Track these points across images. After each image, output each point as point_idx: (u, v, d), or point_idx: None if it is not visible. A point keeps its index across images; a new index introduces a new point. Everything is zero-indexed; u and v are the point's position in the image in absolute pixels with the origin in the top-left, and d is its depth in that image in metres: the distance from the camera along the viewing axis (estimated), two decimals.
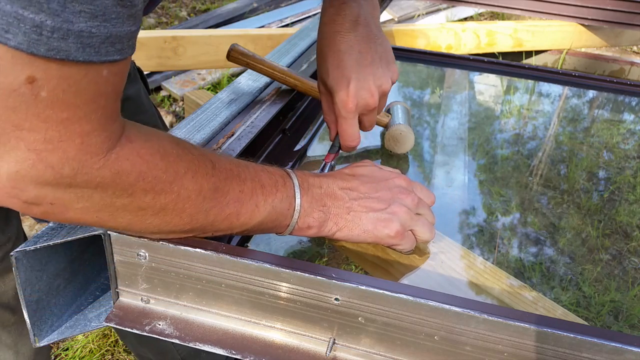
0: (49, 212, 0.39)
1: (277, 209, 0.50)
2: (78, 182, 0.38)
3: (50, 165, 0.36)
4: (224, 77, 2.41)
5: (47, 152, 0.36)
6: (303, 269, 0.44)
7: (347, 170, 0.58)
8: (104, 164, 0.38)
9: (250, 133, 0.68)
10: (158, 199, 0.42)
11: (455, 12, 2.95)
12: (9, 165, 0.36)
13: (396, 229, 0.54)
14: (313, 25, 1.08)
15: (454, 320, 0.42)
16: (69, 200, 0.39)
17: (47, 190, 0.37)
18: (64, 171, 0.37)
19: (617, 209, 0.80)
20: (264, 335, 0.48)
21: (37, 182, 0.37)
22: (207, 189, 0.45)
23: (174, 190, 0.43)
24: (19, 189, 0.37)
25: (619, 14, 1.48)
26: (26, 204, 0.38)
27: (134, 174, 0.40)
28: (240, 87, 0.80)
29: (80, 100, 0.35)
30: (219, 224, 0.47)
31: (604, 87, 1.13)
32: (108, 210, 0.41)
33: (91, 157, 0.37)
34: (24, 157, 0.35)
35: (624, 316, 0.63)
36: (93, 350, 1.36)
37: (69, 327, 0.50)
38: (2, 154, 0.36)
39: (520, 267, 0.68)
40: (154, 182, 0.41)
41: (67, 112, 0.35)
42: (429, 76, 1.19)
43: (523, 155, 0.92)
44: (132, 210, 0.42)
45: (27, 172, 0.36)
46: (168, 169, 0.42)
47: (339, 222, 0.54)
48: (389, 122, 0.81)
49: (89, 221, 0.41)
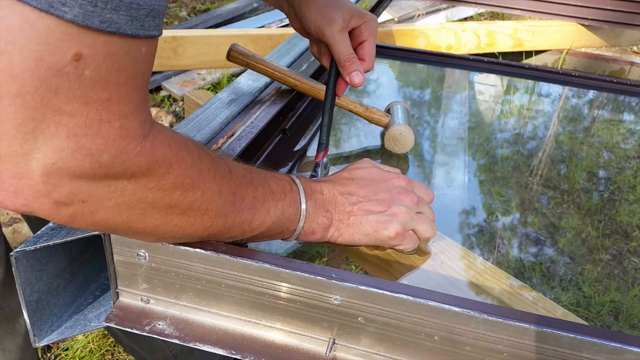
0: (77, 214, 0.37)
1: (285, 214, 0.50)
2: (115, 172, 0.36)
3: (89, 153, 0.34)
4: (224, 77, 2.41)
5: (87, 138, 0.34)
6: (303, 269, 0.44)
7: (345, 174, 0.58)
8: (140, 151, 0.37)
9: (250, 133, 0.68)
10: (186, 196, 0.41)
11: (455, 12, 2.95)
12: (46, 157, 0.34)
13: (396, 230, 0.55)
14: None
15: (454, 320, 0.42)
16: (102, 196, 0.37)
17: (82, 185, 0.36)
18: (102, 159, 0.35)
19: (617, 209, 0.80)
20: (264, 335, 0.48)
21: (73, 174, 0.35)
22: (227, 192, 0.45)
23: (199, 187, 0.42)
24: (52, 185, 0.35)
25: (619, 14, 1.48)
26: (56, 204, 0.36)
27: (166, 164, 0.39)
28: (240, 87, 0.80)
29: (121, 79, 0.34)
30: (234, 230, 0.47)
31: (604, 87, 1.13)
32: (139, 207, 0.39)
33: (129, 143, 0.36)
34: (63, 145, 0.33)
35: (624, 316, 0.63)
36: (93, 350, 1.36)
37: (69, 327, 0.50)
38: (39, 145, 0.33)
39: (520, 267, 0.68)
40: (182, 177, 0.41)
41: (108, 92, 0.34)
42: (429, 76, 1.19)
43: (523, 155, 0.92)
44: (162, 208, 0.41)
45: (64, 163, 0.34)
46: (194, 165, 0.42)
47: (340, 227, 0.54)
48: (389, 122, 0.81)
49: (117, 222, 0.40)
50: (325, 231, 0.54)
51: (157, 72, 2.36)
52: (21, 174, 0.34)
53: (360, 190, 0.56)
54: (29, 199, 0.35)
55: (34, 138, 0.33)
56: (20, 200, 0.35)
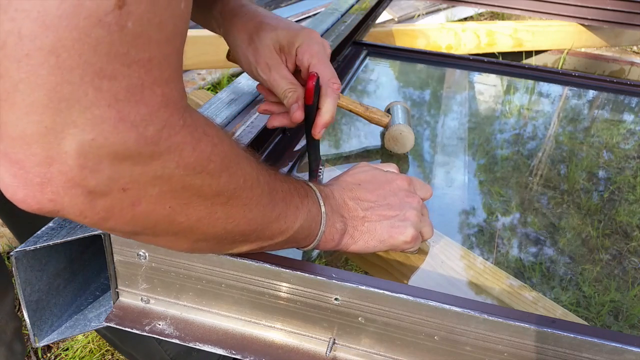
0: (114, 207, 0.32)
1: (311, 213, 0.48)
2: (161, 149, 0.31)
3: (134, 125, 0.29)
4: (224, 77, 2.41)
5: (130, 106, 0.29)
6: (303, 269, 0.44)
7: (349, 179, 0.56)
8: (183, 124, 0.32)
9: (250, 133, 0.68)
10: (231, 182, 0.37)
11: (455, 12, 2.95)
12: (83, 132, 0.28)
13: (412, 234, 0.54)
14: (313, 25, 1.08)
15: (454, 320, 0.42)
16: (146, 181, 0.32)
17: (125, 168, 0.30)
18: (147, 132, 0.30)
19: (617, 209, 0.80)
20: (264, 335, 0.48)
21: (115, 153, 0.29)
22: (263, 182, 0.42)
23: (241, 172, 0.38)
24: (89, 169, 0.29)
25: (619, 14, 1.48)
26: (91, 195, 0.30)
27: (210, 143, 0.35)
28: (240, 87, 0.80)
29: (162, 37, 0.30)
30: (272, 226, 0.44)
31: (604, 87, 1.13)
32: (184, 196, 0.35)
33: (172, 114, 0.31)
34: (104, 116, 0.28)
35: (624, 316, 0.63)
36: (93, 350, 1.36)
37: (69, 327, 0.50)
38: (74, 116, 0.28)
39: (520, 267, 0.68)
40: (227, 160, 0.37)
41: (149, 51, 0.29)
42: (429, 76, 1.19)
43: (523, 155, 0.92)
44: (207, 196, 0.36)
45: (105, 139, 0.29)
46: (232, 147, 0.38)
47: (355, 234, 0.52)
48: (389, 122, 0.81)
49: (159, 215, 0.34)
50: (342, 237, 0.51)
51: None
52: (51, 159, 0.28)
53: (369, 194, 0.54)
54: (58, 192, 0.29)
55: (68, 108, 0.27)
56: (47, 194, 0.30)
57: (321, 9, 2.77)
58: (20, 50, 0.26)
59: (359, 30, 1.17)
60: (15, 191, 0.30)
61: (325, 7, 2.08)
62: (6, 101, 0.28)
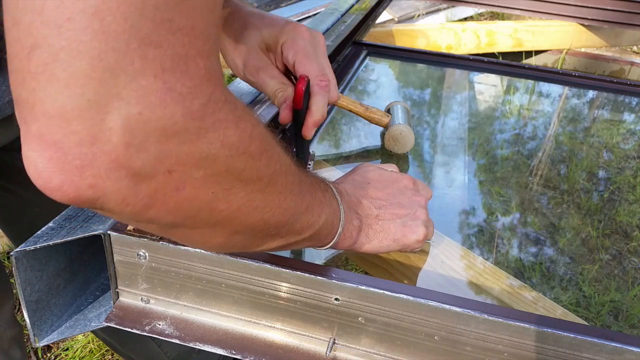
0: (159, 192, 0.29)
1: (332, 207, 0.46)
2: (207, 125, 0.29)
3: (181, 97, 0.27)
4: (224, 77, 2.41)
5: (175, 76, 0.27)
6: (303, 269, 0.44)
7: (357, 177, 0.55)
8: (226, 100, 0.30)
9: None
10: (269, 166, 0.36)
11: (455, 12, 2.95)
12: (129, 106, 0.26)
13: (423, 232, 0.53)
14: (313, 25, 1.08)
15: (454, 320, 0.42)
16: (192, 163, 0.30)
17: (172, 147, 0.28)
18: (194, 106, 0.28)
19: (617, 209, 0.80)
20: (264, 335, 0.48)
21: (162, 128, 0.27)
22: (294, 170, 0.40)
23: (276, 158, 0.37)
24: (134, 148, 0.27)
25: (619, 14, 1.48)
26: (135, 179, 0.28)
27: (250, 123, 0.33)
28: (240, 87, 0.80)
29: (203, 4, 0.28)
30: (302, 218, 0.42)
31: (604, 87, 1.13)
32: (228, 180, 0.33)
33: (215, 89, 0.29)
34: (151, 87, 0.26)
35: (624, 316, 0.63)
36: (93, 350, 1.36)
37: (69, 327, 0.50)
38: (120, 89, 0.25)
39: (520, 267, 0.68)
40: (265, 142, 0.35)
41: (192, 19, 0.27)
42: (429, 76, 1.19)
43: (523, 155, 0.92)
44: (248, 181, 0.34)
45: (152, 113, 0.26)
46: (267, 130, 0.36)
47: (369, 232, 0.51)
48: (389, 122, 0.81)
49: (203, 201, 0.32)
50: (358, 235, 0.50)
51: None
52: (93, 136, 0.26)
53: (379, 193, 0.53)
54: (100, 175, 0.27)
55: (114, 78, 0.25)
56: (87, 179, 0.27)
57: (321, 9, 2.77)
58: (62, 13, 0.24)
59: (359, 30, 1.17)
60: (51, 177, 0.27)
61: (325, 7, 2.08)
62: (43, 74, 0.25)
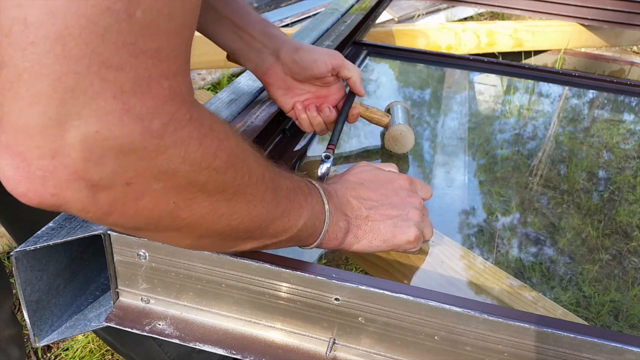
0: (117, 201, 0.31)
1: (315, 211, 0.47)
2: (167, 143, 0.31)
3: (139, 117, 0.29)
4: (224, 77, 2.40)
5: (136, 98, 0.28)
6: (303, 269, 0.44)
7: (351, 178, 0.56)
8: (190, 118, 0.32)
9: (250, 133, 0.68)
10: (236, 177, 0.37)
11: (455, 12, 2.95)
12: (88, 124, 0.28)
13: (415, 234, 0.53)
14: (313, 25, 1.08)
15: (454, 320, 0.42)
16: (151, 175, 0.31)
17: (129, 162, 0.30)
18: (153, 126, 0.29)
19: (617, 209, 0.80)
20: (264, 335, 0.48)
21: (120, 146, 0.29)
22: (268, 178, 0.41)
23: (247, 169, 0.38)
24: (92, 162, 0.29)
25: (619, 14, 1.47)
26: (94, 189, 0.30)
27: (217, 138, 0.34)
28: (240, 87, 0.80)
29: (170, 28, 0.29)
30: (276, 223, 0.43)
31: (604, 87, 1.13)
32: (189, 191, 0.34)
33: (179, 108, 0.31)
34: (109, 107, 0.28)
35: (624, 316, 0.63)
36: (93, 350, 1.36)
37: (69, 327, 0.50)
38: (79, 107, 0.27)
39: (520, 267, 0.68)
40: (234, 156, 0.36)
41: (157, 41, 0.29)
42: (429, 76, 1.19)
43: (523, 155, 0.92)
44: (212, 192, 0.36)
45: (110, 131, 0.28)
46: (239, 143, 0.38)
47: (358, 233, 0.52)
48: (389, 122, 0.81)
49: (163, 211, 0.34)
50: (345, 236, 0.51)
51: None
52: (54, 151, 0.28)
53: (372, 193, 0.54)
54: (61, 185, 0.29)
55: (74, 99, 0.27)
56: (49, 188, 0.29)
57: (321, 9, 2.77)
58: (26, 38, 0.26)
59: (359, 30, 1.17)
60: (17, 185, 0.29)
61: (325, 7, 2.08)
62: (9, 91, 0.27)
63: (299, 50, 0.68)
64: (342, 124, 0.72)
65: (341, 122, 0.72)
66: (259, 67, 0.70)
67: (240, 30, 0.68)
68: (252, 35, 0.68)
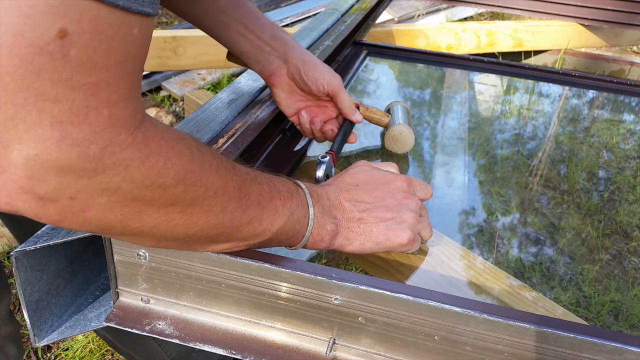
0: (66, 211, 0.34)
1: (294, 215, 0.48)
2: (105, 165, 0.33)
3: (76, 143, 0.31)
4: (224, 77, 2.41)
5: (73, 126, 0.31)
6: (303, 269, 0.44)
7: (347, 179, 0.56)
8: (132, 142, 0.34)
9: (250, 133, 0.68)
10: (188, 192, 0.39)
11: (455, 12, 2.95)
12: (28, 148, 0.31)
13: (408, 237, 0.53)
14: (313, 25, 1.08)
15: (454, 320, 0.42)
16: (93, 191, 0.34)
17: (70, 180, 0.33)
18: (90, 150, 0.32)
19: (617, 209, 0.80)
20: (264, 335, 0.48)
21: (59, 167, 0.32)
22: (232, 187, 0.43)
23: (202, 182, 0.40)
24: (36, 179, 0.32)
25: (619, 14, 1.48)
26: (42, 201, 0.33)
27: (163, 158, 0.36)
28: (240, 87, 0.80)
29: (109, 62, 0.32)
30: (243, 229, 0.44)
31: (604, 87, 1.13)
32: (135, 205, 0.36)
33: (119, 133, 0.33)
34: (47, 135, 0.31)
35: (624, 316, 0.63)
36: (93, 350, 1.36)
37: (69, 327, 0.50)
38: (20, 135, 0.30)
39: (520, 267, 0.68)
40: (184, 171, 0.38)
41: (95, 75, 0.31)
42: (429, 76, 1.19)
43: (523, 155, 0.92)
44: (161, 205, 0.38)
45: (48, 155, 0.31)
46: (194, 158, 0.39)
47: (349, 235, 0.52)
48: (389, 122, 0.81)
49: (111, 221, 0.37)
50: (333, 239, 0.52)
51: (157, 72, 2.37)
52: (3, 168, 0.31)
53: (366, 195, 0.54)
54: (11, 196, 0.32)
55: (14, 126, 0.30)
56: (2, 198, 0.33)
57: (321, 9, 2.77)
58: None
59: (359, 30, 1.17)
60: None
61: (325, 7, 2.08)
62: None
63: (306, 62, 0.71)
64: (342, 136, 0.74)
65: (341, 134, 0.74)
66: (266, 69, 0.72)
67: (249, 32, 0.70)
68: (261, 37, 0.70)
